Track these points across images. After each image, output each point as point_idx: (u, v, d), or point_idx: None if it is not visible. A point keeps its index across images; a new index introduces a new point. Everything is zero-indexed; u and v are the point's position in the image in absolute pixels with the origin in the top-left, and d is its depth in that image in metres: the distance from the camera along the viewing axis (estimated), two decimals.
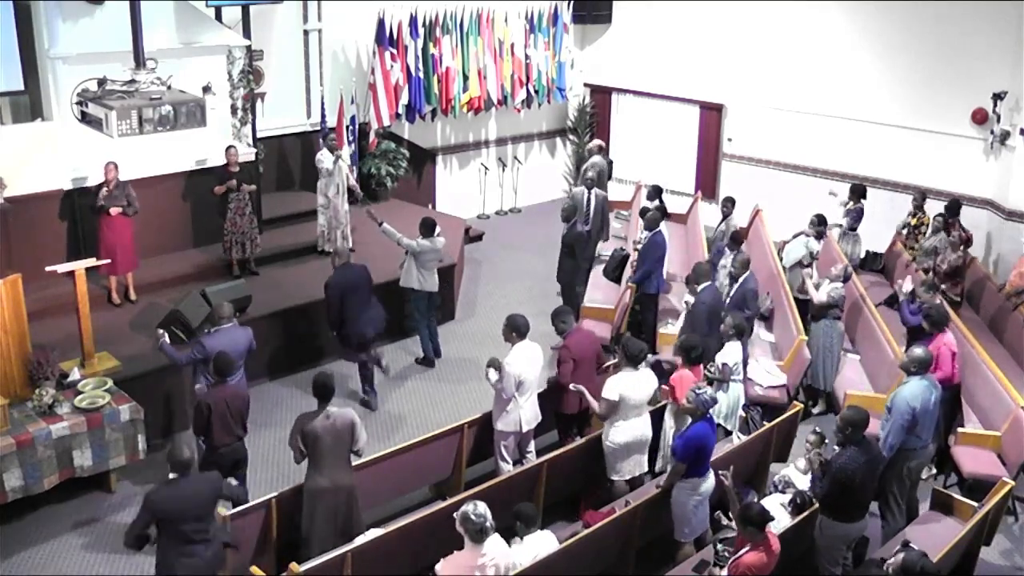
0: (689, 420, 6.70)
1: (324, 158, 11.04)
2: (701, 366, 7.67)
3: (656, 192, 12.37)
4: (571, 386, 7.53)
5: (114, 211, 9.33)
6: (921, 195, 11.89)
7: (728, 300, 9.34)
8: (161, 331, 7.79)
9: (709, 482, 6.70)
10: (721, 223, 11.52)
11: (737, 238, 10.27)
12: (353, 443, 6.64)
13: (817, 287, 9.57)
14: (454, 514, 5.48)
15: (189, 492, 5.76)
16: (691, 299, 9.14)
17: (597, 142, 14.06)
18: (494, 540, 5.47)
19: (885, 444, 6.88)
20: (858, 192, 11.99)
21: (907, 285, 9.19)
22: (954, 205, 11.36)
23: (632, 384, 7.16)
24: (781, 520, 6.59)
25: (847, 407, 6.74)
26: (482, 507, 5.37)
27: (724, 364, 7.81)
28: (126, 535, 5.90)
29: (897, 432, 6.91)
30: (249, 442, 8.47)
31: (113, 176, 9.35)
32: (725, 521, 6.81)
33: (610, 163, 14.26)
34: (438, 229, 9.94)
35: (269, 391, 9.48)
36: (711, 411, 6.70)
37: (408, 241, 9.71)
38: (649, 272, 10.20)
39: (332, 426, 6.50)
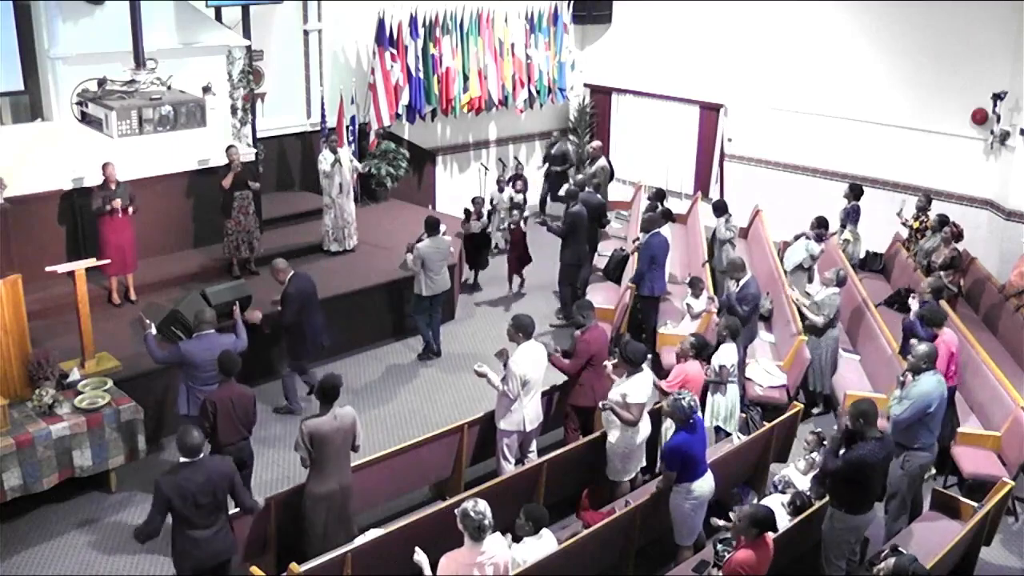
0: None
1: (324, 159, 11.09)
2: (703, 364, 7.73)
3: (659, 196, 12.28)
4: (601, 404, 7.40)
5: (117, 204, 9.28)
6: (927, 198, 11.89)
7: (727, 300, 9.33)
8: (148, 322, 7.69)
9: (706, 485, 6.69)
10: (721, 224, 11.52)
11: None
12: (355, 439, 6.69)
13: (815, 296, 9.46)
14: (455, 511, 5.49)
15: (199, 477, 5.71)
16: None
17: (597, 143, 14.07)
18: (494, 538, 5.48)
19: (900, 418, 6.76)
20: (855, 191, 12.01)
21: (915, 305, 8.76)
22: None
23: (646, 386, 7.24)
24: (781, 520, 6.58)
25: (855, 400, 6.68)
26: (482, 505, 5.37)
27: (722, 366, 7.81)
28: (142, 526, 5.81)
29: (914, 412, 6.81)
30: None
31: (113, 175, 9.35)
32: (721, 523, 6.80)
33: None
34: (443, 228, 9.95)
35: (271, 391, 9.45)
36: (699, 415, 6.71)
37: (413, 259, 9.77)
38: (641, 273, 10.18)
39: (340, 426, 6.53)
